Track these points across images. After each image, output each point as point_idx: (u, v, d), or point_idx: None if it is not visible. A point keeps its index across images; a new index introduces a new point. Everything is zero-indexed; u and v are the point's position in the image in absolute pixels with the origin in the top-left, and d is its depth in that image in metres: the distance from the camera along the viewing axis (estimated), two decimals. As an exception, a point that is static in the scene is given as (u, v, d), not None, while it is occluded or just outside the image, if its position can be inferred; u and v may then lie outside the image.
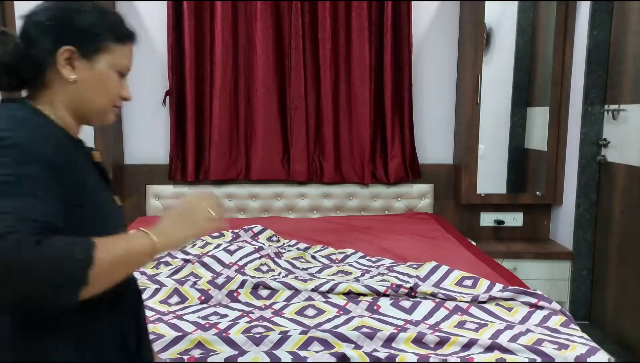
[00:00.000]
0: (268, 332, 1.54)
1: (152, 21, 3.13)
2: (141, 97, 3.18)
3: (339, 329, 1.56)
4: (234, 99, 3.12)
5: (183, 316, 1.70)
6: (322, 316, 1.69)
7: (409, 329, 1.57)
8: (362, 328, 1.57)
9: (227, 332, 1.55)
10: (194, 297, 1.84)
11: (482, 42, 2.99)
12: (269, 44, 3.04)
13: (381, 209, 3.23)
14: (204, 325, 1.61)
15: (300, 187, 3.21)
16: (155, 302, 1.81)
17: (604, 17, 2.81)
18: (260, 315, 1.69)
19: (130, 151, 3.24)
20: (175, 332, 1.55)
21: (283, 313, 1.72)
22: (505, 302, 1.74)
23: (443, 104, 3.24)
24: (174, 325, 1.61)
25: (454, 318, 1.64)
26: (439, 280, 1.96)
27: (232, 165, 3.16)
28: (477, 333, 1.53)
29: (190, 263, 2.16)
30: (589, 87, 2.86)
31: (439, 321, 1.64)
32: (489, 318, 1.65)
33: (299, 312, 1.71)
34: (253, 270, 2.11)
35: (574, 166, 2.98)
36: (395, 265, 2.18)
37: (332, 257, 2.38)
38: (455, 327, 1.59)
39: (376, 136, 3.16)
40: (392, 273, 2.05)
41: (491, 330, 1.54)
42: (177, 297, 1.85)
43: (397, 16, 3.04)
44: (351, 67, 3.08)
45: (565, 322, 1.58)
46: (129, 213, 3.19)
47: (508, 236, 3.25)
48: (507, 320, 1.62)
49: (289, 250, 2.41)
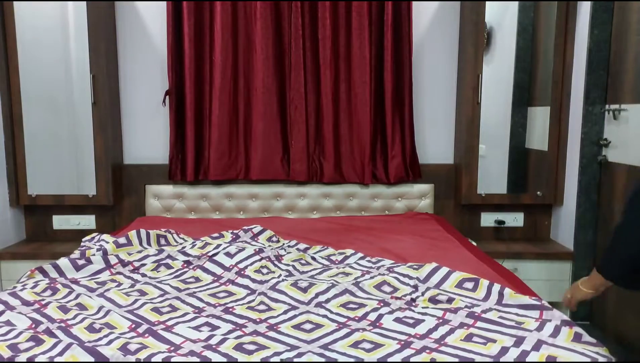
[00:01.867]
0: (260, 350, 1.47)
1: (152, 21, 3.13)
2: (141, 97, 3.18)
3: (338, 344, 1.51)
4: (234, 99, 3.11)
5: (173, 327, 1.64)
6: (319, 330, 1.62)
7: (413, 343, 1.51)
8: (363, 342, 1.52)
9: (217, 346, 1.50)
10: (188, 309, 1.80)
11: (483, 42, 2.98)
12: (268, 43, 3.03)
13: (381, 209, 3.23)
14: (194, 340, 1.55)
15: (300, 187, 3.21)
16: (147, 310, 1.78)
17: (605, 17, 2.80)
18: (254, 330, 1.63)
19: (130, 151, 3.23)
20: (164, 344, 1.51)
21: (279, 327, 1.65)
22: (511, 313, 1.68)
23: (443, 104, 3.23)
24: (162, 337, 1.57)
25: (461, 332, 1.57)
26: (439, 281, 1.94)
27: (231, 165, 3.15)
28: (485, 347, 1.47)
29: (191, 269, 2.15)
30: (589, 87, 2.85)
31: (444, 334, 1.57)
32: (496, 329, 1.58)
33: (295, 326, 1.66)
34: (253, 272, 2.10)
35: (575, 166, 2.98)
36: (395, 265, 2.17)
37: (332, 258, 2.36)
38: (462, 341, 1.52)
39: (376, 136, 3.15)
40: (392, 274, 2.04)
41: (500, 345, 1.47)
42: (169, 307, 1.81)
43: (397, 16, 3.04)
44: (351, 67, 3.08)
45: (577, 335, 1.51)
46: (128, 213, 3.19)
47: (509, 236, 3.25)
48: (515, 335, 1.54)
49: (288, 251, 2.39)
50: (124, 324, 1.66)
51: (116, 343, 1.51)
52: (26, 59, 2.93)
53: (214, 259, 2.19)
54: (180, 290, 1.97)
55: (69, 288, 1.94)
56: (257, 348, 1.49)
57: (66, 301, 1.82)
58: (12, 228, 3.10)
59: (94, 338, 1.55)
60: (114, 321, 1.68)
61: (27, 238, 3.21)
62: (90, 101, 2.95)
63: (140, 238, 2.39)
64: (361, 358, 1.43)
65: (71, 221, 3.18)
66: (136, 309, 1.79)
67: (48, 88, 2.96)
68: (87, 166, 3.02)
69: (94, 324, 1.64)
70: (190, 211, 3.21)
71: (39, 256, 2.92)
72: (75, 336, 1.57)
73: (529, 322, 1.62)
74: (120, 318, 1.69)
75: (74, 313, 1.72)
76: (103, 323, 1.66)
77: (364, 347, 1.49)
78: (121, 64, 3.16)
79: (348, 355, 1.45)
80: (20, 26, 2.90)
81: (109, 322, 1.67)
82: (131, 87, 3.19)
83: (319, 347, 1.50)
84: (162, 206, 3.20)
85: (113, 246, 2.28)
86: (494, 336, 1.54)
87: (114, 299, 1.86)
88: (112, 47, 3.07)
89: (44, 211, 3.16)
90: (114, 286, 2.01)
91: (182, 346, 1.51)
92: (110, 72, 3.02)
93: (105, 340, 1.53)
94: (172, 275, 2.14)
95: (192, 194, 3.20)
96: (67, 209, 3.15)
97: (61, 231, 3.19)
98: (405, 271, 2.07)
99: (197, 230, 2.77)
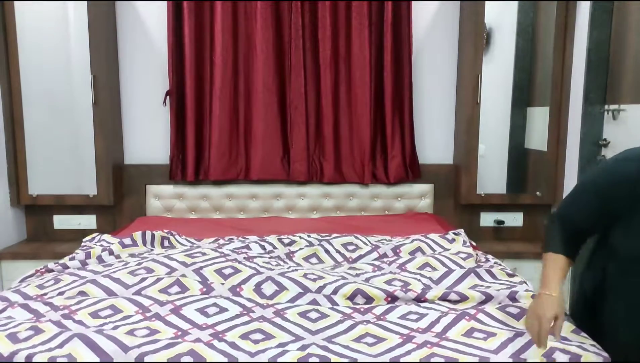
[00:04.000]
0: (265, 340, 1.49)
1: (152, 21, 3.13)
2: (141, 98, 3.19)
3: (342, 337, 1.52)
4: (234, 99, 3.12)
5: (181, 308, 1.66)
6: (325, 320, 1.64)
7: (415, 337, 1.53)
8: (366, 336, 1.54)
9: (223, 334, 1.53)
10: (195, 288, 1.82)
11: (482, 42, 2.99)
12: (269, 43, 3.04)
13: (381, 209, 3.23)
14: (201, 325, 1.58)
15: (300, 187, 3.21)
16: (155, 291, 1.79)
17: (604, 17, 2.80)
18: (261, 315, 1.66)
19: (130, 151, 3.24)
20: (171, 329, 1.54)
21: (285, 313, 1.68)
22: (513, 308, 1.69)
23: (443, 104, 3.24)
24: (169, 322, 1.59)
25: (462, 325, 1.58)
26: (452, 285, 1.95)
27: (232, 165, 3.16)
28: (485, 342, 1.48)
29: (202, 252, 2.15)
30: (589, 87, 2.86)
31: (446, 327, 1.58)
32: (497, 325, 1.59)
33: (301, 314, 1.68)
34: (262, 263, 2.09)
35: (574, 166, 2.98)
36: (408, 261, 2.16)
37: (348, 248, 2.35)
38: (463, 336, 1.53)
39: (376, 136, 3.16)
40: (404, 273, 2.05)
41: (500, 339, 1.49)
42: (177, 287, 1.82)
43: (397, 16, 3.05)
44: (351, 67, 3.08)
45: (576, 329, 1.52)
46: (128, 213, 3.20)
47: (508, 236, 3.25)
48: (515, 327, 1.57)
49: (300, 248, 2.35)
50: (130, 308, 1.67)
51: (122, 329, 1.52)
52: (27, 59, 2.93)
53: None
54: (187, 265, 1.97)
55: (75, 275, 1.95)
56: (263, 338, 1.51)
57: (69, 288, 1.83)
58: (13, 228, 3.11)
59: (99, 324, 1.56)
60: (120, 304, 1.69)
61: (28, 238, 3.21)
62: (91, 101, 2.96)
63: (145, 240, 2.39)
64: (364, 352, 1.44)
65: (72, 221, 3.18)
66: (143, 288, 1.80)
67: (49, 88, 2.97)
68: (87, 166, 3.02)
69: (99, 310, 1.65)
70: (191, 211, 3.22)
71: (40, 256, 2.92)
72: (79, 321, 1.58)
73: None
74: (126, 302, 1.70)
75: (78, 299, 1.73)
76: (108, 306, 1.67)
77: (366, 342, 1.51)
78: (122, 64, 3.17)
79: (351, 348, 1.47)
80: (21, 26, 2.90)
81: (115, 305, 1.68)
82: (132, 88, 3.19)
83: (322, 339, 1.52)
84: (163, 206, 3.21)
85: (119, 247, 2.28)
86: (495, 330, 1.55)
87: (121, 279, 1.87)
88: (112, 48, 3.08)
89: (44, 211, 3.17)
90: (120, 266, 2.01)
91: (190, 332, 1.52)
92: (110, 73, 3.03)
93: (111, 325, 1.55)
94: (180, 250, 2.14)
95: (193, 194, 3.20)
96: (68, 209, 3.16)
97: (62, 231, 3.19)
98: (416, 270, 2.08)
99: (198, 230, 2.77)
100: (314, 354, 1.41)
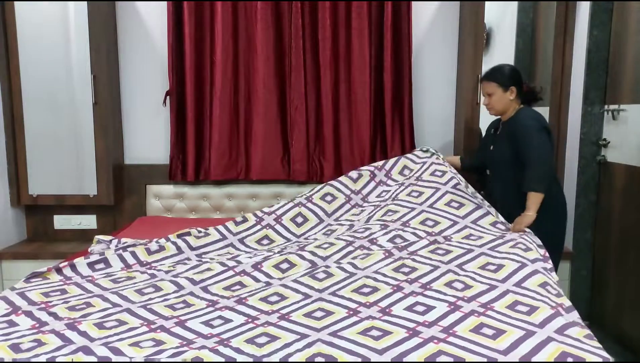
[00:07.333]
0: (270, 342, 1.49)
1: (152, 21, 3.13)
2: (141, 98, 3.19)
3: (347, 332, 1.52)
4: (234, 99, 3.12)
5: (186, 321, 1.66)
6: (330, 317, 1.64)
7: (421, 332, 1.51)
8: (372, 330, 1.53)
9: (228, 340, 1.51)
10: (202, 304, 1.81)
11: (482, 42, 2.99)
12: (269, 44, 3.04)
13: (381, 209, 3.23)
14: (206, 335, 1.57)
15: (300, 187, 3.21)
16: (160, 306, 1.78)
17: (604, 17, 2.81)
18: (266, 321, 1.64)
19: (131, 151, 3.24)
20: (177, 339, 1.53)
21: (290, 316, 1.67)
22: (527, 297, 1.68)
23: (443, 104, 3.24)
24: (175, 333, 1.58)
25: (471, 321, 1.56)
26: (462, 262, 1.98)
27: (232, 165, 3.16)
28: (494, 342, 1.45)
29: (209, 269, 2.12)
30: (588, 87, 2.86)
31: (453, 323, 1.56)
32: (507, 320, 1.56)
33: (307, 314, 1.67)
34: (271, 267, 2.08)
35: (574, 166, 2.99)
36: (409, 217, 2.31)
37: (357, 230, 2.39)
38: (471, 332, 1.51)
39: (376, 136, 3.16)
40: (407, 228, 2.07)
41: (510, 339, 1.45)
42: (183, 303, 1.82)
43: (397, 16, 3.05)
44: (351, 67, 3.09)
45: (589, 335, 1.48)
46: (129, 213, 3.20)
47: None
48: (526, 328, 1.52)
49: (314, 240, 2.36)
50: (134, 321, 1.66)
51: (127, 340, 1.51)
52: (27, 59, 2.93)
53: (235, 259, 2.20)
54: (195, 283, 1.96)
55: (81, 288, 1.94)
56: (268, 340, 1.51)
57: (76, 300, 1.82)
58: (14, 227, 3.11)
59: (104, 335, 1.56)
60: (125, 318, 1.68)
61: (28, 238, 3.21)
62: (91, 101, 2.96)
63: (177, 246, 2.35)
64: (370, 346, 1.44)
65: (72, 221, 3.19)
66: (149, 304, 1.80)
67: (49, 88, 2.97)
68: (88, 166, 3.03)
69: (104, 322, 1.64)
70: (191, 211, 3.22)
71: (40, 256, 2.93)
72: (84, 332, 1.57)
73: (544, 308, 1.60)
74: (130, 316, 1.70)
75: (83, 312, 1.72)
76: (114, 320, 1.66)
77: (372, 335, 1.51)
78: (122, 64, 3.17)
79: (356, 342, 1.46)
80: (21, 26, 2.90)
81: (120, 319, 1.67)
82: (132, 88, 3.19)
83: (328, 334, 1.52)
84: (163, 206, 3.21)
85: (144, 253, 2.25)
86: (504, 327, 1.52)
87: (128, 297, 1.86)
88: (112, 48, 3.08)
89: (45, 211, 3.17)
90: (129, 284, 2.00)
91: (195, 341, 1.52)
92: (111, 73, 3.03)
93: (116, 337, 1.54)
94: (189, 267, 2.13)
95: (193, 194, 3.20)
96: (68, 209, 3.16)
97: (62, 231, 3.20)
98: (428, 254, 2.09)
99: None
100: (320, 352, 1.40)
